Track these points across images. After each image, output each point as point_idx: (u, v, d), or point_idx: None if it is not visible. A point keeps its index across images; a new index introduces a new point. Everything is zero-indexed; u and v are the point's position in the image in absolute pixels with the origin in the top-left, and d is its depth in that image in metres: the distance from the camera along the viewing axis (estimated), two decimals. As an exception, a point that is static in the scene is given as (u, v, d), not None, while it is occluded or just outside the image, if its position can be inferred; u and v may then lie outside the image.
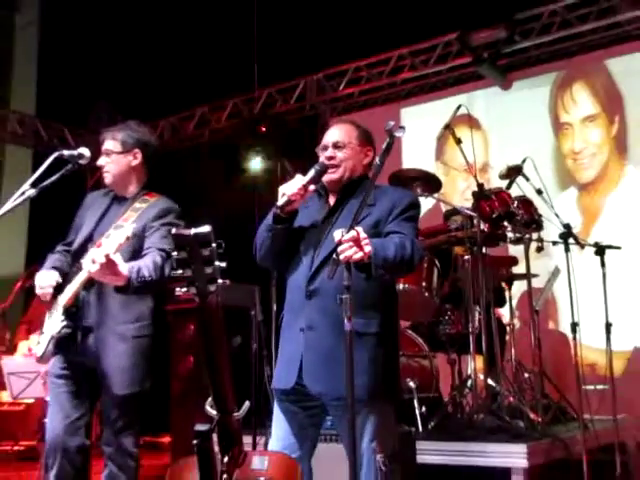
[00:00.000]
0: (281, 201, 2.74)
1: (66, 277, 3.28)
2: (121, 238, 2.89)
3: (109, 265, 2.88)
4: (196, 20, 7.77)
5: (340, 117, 3.04)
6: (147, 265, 3.11)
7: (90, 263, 2.89)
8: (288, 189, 2.74)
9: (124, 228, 3.02)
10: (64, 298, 3.21)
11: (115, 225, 3.28)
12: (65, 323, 3.18)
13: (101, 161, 3.45)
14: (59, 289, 3.24)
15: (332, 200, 2.98)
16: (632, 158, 6.44)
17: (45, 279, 3.22)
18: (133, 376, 3.24)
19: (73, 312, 3.23)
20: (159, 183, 3.60)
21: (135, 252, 3.22)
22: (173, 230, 1.78)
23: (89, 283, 3.19)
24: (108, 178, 3.46)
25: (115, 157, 3.43)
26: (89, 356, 3.25)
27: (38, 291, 3.28)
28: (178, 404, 6.38)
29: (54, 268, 3.34)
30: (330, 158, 2.89)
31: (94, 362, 3.24)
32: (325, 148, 2.94)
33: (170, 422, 6.57)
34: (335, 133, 2.98)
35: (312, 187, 2.82)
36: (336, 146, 2.93)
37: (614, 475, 4.56)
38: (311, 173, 2.82)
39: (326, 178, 2.90)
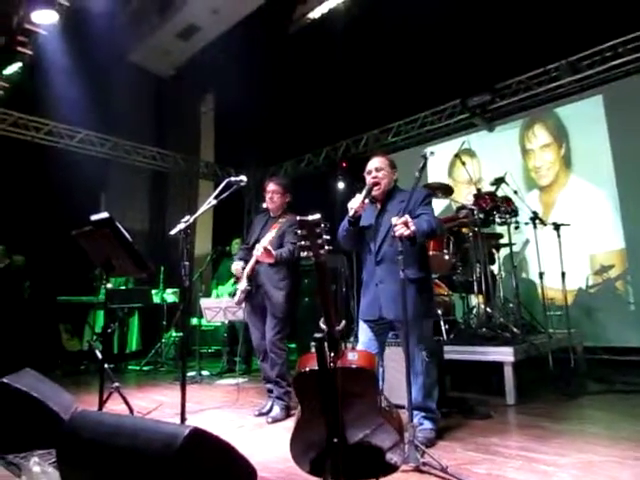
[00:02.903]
0: (350, 212, 2.76)
1: (246, 261, 3.61)
2: (270, 237, 3.48)
3: (266, 251, 3.36)
4: (302, 100, 7.74)
5: (376, 152, 3.29)
6: (284, 251, 3.47)
7: (256, 251, 3.42)
8: (353, 204, 2.76)
9: (271, 232, 3.53)
10: (246, 270, 3.56)
11: (269, 231, 3.61)
12: (248, 283, 3.53)
13: (268, 195, 3.70)
14: (244, 267, 3.61)
15: (378, 205, 2.96)
16: (574, 170, 6.03)
17: (237, 266, 3.63)
18: (285, 307, 3.52)
19: (251, 278, 3.55)
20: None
21: (280, 245, 3.53)
22: (298, 217, 1.79)
23: (258, 262, 3.51)
24: (271, 206, 3.72)
25: (278, 195, 3.69)
26: (262, 300, 3.56)
27: (234, 272, 3.68)
28: (300, 324, 6.39)
29: (240, 259, 3.70)
30: (375, 178, 2.88)
31: (264, 302, 3.54)
32: (370, 172, 2.92)
33: (296, 334, 6.58)
34: (375, 162, 2.95)
35: (367, 201, 2.81)
36: (377, 170, 2.91)
37: (569, 366, 4.30)
38: (364, 192, 2.79)
39: (374, 193, 2.89)
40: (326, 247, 1.80)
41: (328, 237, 1.81)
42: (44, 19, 5.39)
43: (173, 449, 1.60)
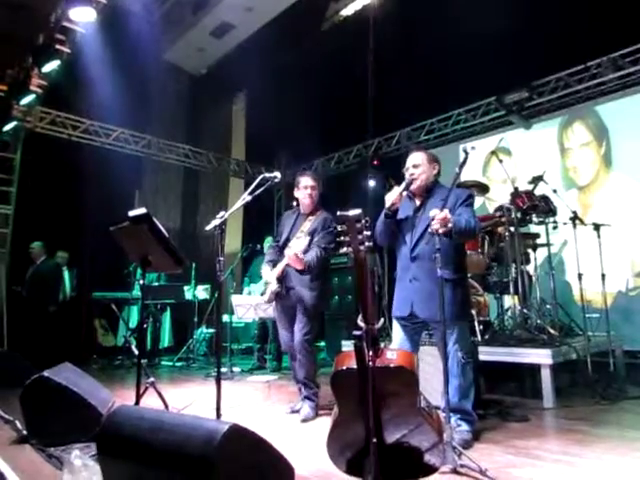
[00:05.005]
0: (388, 204, 2.74)
1: (276, 262, 3.57)
2: (302, 245, 3.34)
3: (297, 258, 3.31)
4: (334, 97, 7.69)
5: (415, 147, 3.25)
6: (313, 257, 3.40)
7: (288, 257, 3.36)
8: (391, 197, 2.73)
9: (302, 239, 3.38)
10: (276, 272, 3.51)
11: (300, 230, 3.53)
12: (278, 285, 3.48)
13: (307, 191, 3.57)
14: (274, 266, 3.56)
15: (417, 200, 2.92)
16: (615, 169, 5.84)
17: (267, 273, 3.55)
18: (316, 307, 3.50)
19: (281, 279, 3.49)
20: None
21: (309, 247, 3.44)
22: (338, 212, 1.77)
23: (289, 264, 3.45)
24: (308, 201, 3.58)
25: (315, 191, 3.58)
26: (291, 301, 3.51)
27: (265, 278, 3.58)
28: (329, 324, 6.37)
29: (270, 262, 3.62)
30: (412, 174, 2.85)
31: (295, 303, 3.49)
32: (407, 168, 2.89)
33: (324, 334, 6.57)
34: (413, 158, 2.91)
35: (404, 194, 2.79)
36: (414, 166, 2.87)
37: (608, 370, 4.17)
38: (403, 185, 2.77)
39: (412, 187, 2.85)
40: (366, 243, 1.78)
41: (369, 233, 1.78)
42: (82, 17, 5.51)
43: (213, 445, 1.61)
